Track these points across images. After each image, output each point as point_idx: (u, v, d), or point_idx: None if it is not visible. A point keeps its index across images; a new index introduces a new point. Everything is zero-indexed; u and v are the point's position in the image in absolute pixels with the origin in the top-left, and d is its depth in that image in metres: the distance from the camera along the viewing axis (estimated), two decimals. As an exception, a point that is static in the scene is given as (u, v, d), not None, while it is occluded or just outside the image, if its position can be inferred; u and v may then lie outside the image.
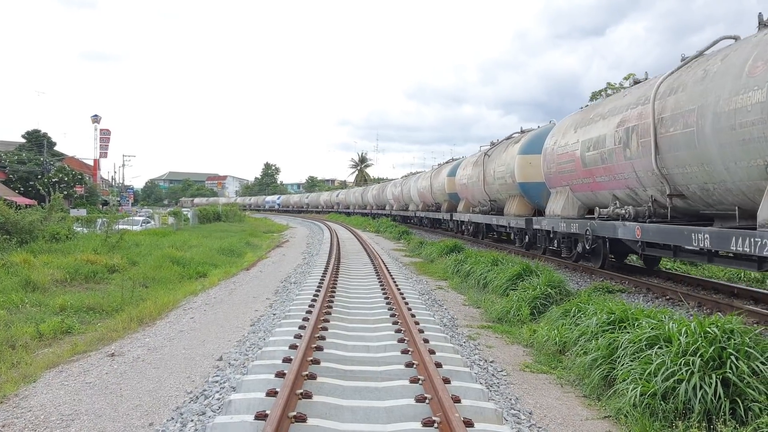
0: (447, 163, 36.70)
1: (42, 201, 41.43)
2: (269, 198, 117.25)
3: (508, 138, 24.04)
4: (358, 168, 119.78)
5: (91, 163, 78.07)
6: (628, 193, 13.14)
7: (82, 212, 42.56)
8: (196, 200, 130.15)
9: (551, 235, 17.37)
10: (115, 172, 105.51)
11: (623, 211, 13.00)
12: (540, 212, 19.36)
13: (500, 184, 22.54)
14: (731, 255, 10.48)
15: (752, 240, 8.67)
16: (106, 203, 67.26)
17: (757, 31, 9.69)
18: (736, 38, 10.33)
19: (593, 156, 14.04)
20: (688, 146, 10.22)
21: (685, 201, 11.22)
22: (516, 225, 20.55)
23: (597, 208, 14.44)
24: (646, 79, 13.42)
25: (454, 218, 30.87)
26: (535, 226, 18.41)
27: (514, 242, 22.31)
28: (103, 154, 78.27)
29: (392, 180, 53.03)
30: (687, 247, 10.78)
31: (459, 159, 33.90)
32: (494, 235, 27.01)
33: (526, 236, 20.14)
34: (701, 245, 10.01)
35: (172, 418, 5.72)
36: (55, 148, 71.46)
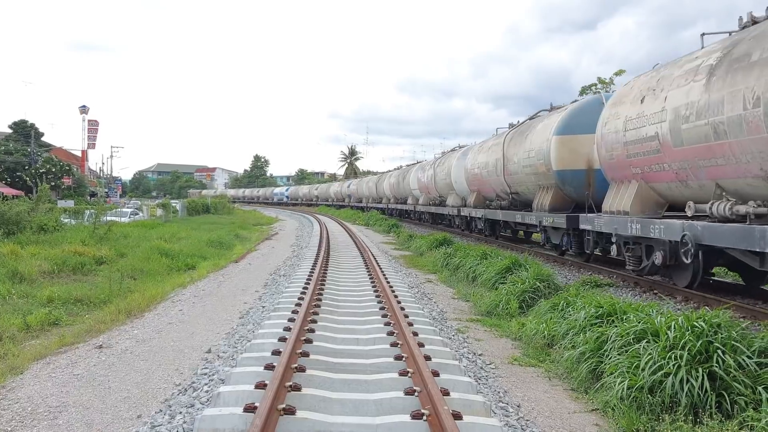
0: (453, 150, 32.01)
1: (29, 192, 41.17)
2: (277, 190, 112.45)
3: (532, 117, 19.73)
4: (348, 161, 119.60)
5: (79, 154, 77.55)
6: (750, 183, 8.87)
7: (70, 203, 42.24)
8: (204, 192, 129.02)
9: (613, 240, 12.92)
10: (103, 163, 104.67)
11: (749, 209, 8.76)
12: (580, 208, 15.14)
13: (527, 172, 18.23)
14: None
15: None
16: (93, 194, 66.78)
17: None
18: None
19: (697, 130, 9.58)
20: None
21: None
22: (551, 224, 16.31)
23: (691, 203, 10.29)
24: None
25: (462, 213, 26.50)
26: (582, 226, 14.22)
27: (543, 244, 18.45)
28: (91, 145, 77.79)
29: (417, 164, 42.71)
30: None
31: (467, 146, 29.39)
32: (509, 234, 24.01)
33: (564, 238, 16.22)
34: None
35: (161, 411, 5.70)
36: (43, 138, 70.82)
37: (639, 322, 6.78)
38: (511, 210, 20.17)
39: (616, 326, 7.10)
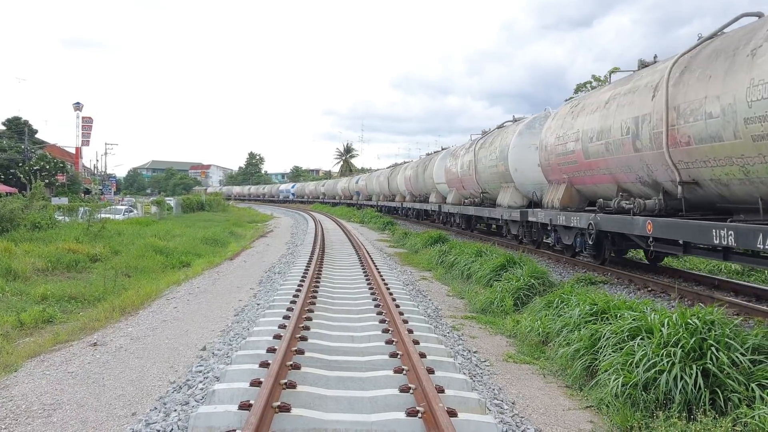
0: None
1: (23, 189, 40.97)
2: (283, 187, 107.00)
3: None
4: (343, 158, 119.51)
5: (73, 151, 77.22)
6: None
7: (64, 201, 42.08)
8: (210, 189, 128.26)
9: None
10: (97, 160, 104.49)
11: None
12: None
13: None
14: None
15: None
16: (88, 192, 66.49)
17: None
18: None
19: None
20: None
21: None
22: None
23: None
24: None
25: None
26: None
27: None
28: (85, 142, 77.47)
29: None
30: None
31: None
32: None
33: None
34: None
35: (155, 408, 5.69)
36: (37, 135, 70.60)
37: (633, 320, 6.80)
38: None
39: (610, 323, 7.12)
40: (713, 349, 5.65)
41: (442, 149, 33.33)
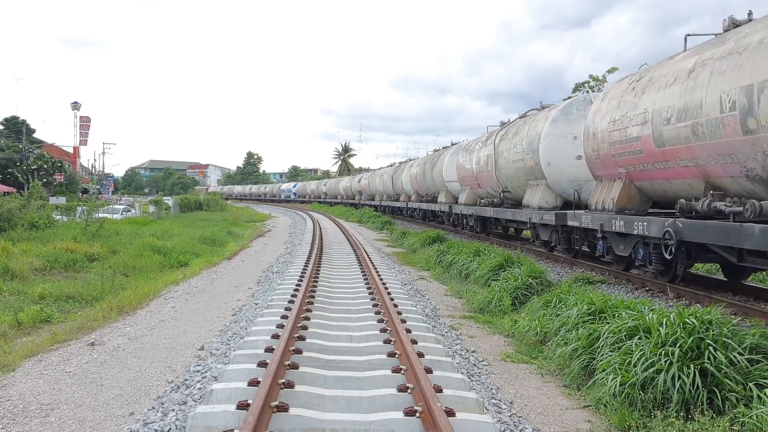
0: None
1: (21, 188, 40.93)
2: (284, 186, 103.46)
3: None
4: (342, 158, 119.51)
5: (71, 150, 77.19)
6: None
7: (62, 200, 42.12)
8: (211, 189, 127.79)
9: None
10: (95, 159, 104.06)
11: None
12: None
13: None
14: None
15: None
16: (85, 191, 66.54)
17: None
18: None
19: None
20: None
21: None
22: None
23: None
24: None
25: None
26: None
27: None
28: (83, 142, 77.44)
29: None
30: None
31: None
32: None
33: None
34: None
35: (153, 408, 5.69)
36: (34, 135, 70.60)
37: (631, 319, 6.80)
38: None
39: (608, 323, 7.13)
40: (711, 348, 5.66)
41: (452, 144, 29.54)
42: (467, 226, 25.61)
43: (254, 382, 5.48)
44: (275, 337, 7.22)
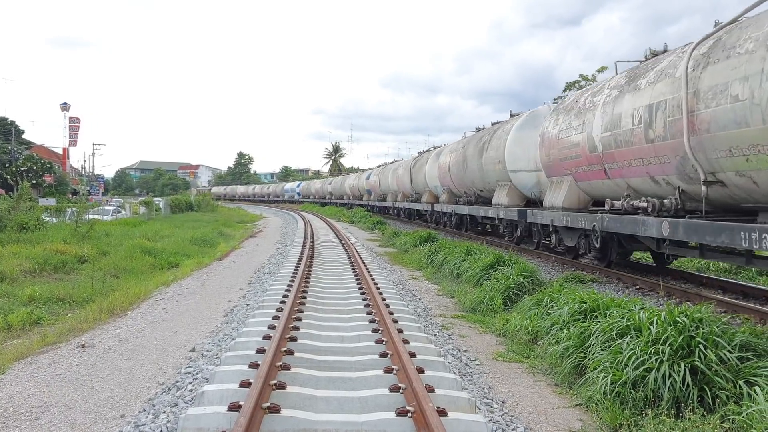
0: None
1: (10, 190, 40.71)
2: (288, 186, 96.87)
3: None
4: (333, 158, 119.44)
5: (60, 151, 76.79)
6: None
7: (51, 201, 41.86)
8: (214, 189, 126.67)
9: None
10: (84, 161, 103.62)
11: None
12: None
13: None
14: None
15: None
16: (75, 192, 66.19)
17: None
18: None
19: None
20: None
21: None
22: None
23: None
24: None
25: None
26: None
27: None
28: (73, 143, 77.03)
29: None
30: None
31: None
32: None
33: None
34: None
35: (144, 410, 5.66)
36: (23, 136, 70.13)
37: (622, 318, 6.83)
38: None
39: (599, 322, 7.15)
40: (701, 346, 5.68)
41: (512, 115, 21.16)
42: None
43: (246, 384, 5.47)
44: (267, 338, 7.21)
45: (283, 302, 9.41)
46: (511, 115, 20.92)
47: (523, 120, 18.46)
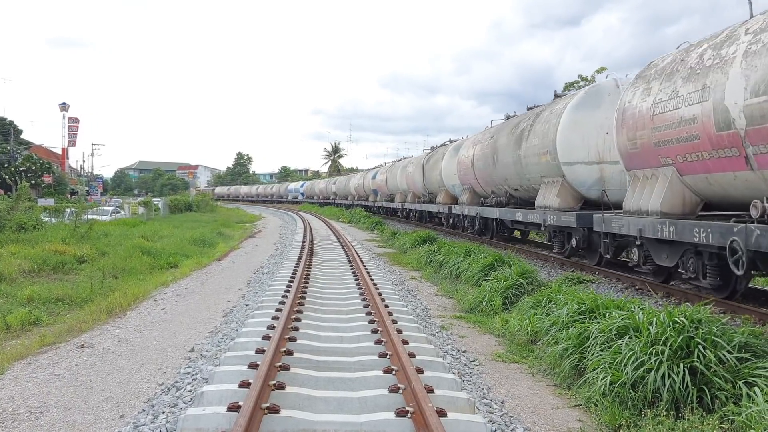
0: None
1: (8, 190, 40.68)
2: (291, 186, 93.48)
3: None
4: (332, 158, 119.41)
5: (59, 151, 76.69)
6: None
7: (50, 202, 41.81)
8: (217, 190, 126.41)
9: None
10: (83, 161, 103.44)
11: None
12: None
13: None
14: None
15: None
16: (74, 193, 66.11)
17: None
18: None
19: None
20: None
21: None
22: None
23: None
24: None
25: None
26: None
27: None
28: (72, 143, 76.90)
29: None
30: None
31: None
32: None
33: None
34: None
35: (144, 410, 5.66)
36: (22, 136, 69.96)
37: (621, 318, 6.83)
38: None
39: (598, 322, 7.15)
40: (700, 347, 5.69)
41: (556, 96, 18.01)
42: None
43: (245, 384, 5.46)
44: (266, 338, 7.21)
45: (282, 303, 9.40)
46: (556, 96, 17.57)
47: (581, 98, 14.82)
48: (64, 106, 76.23)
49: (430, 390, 5.40)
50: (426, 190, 31.12)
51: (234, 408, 4.94)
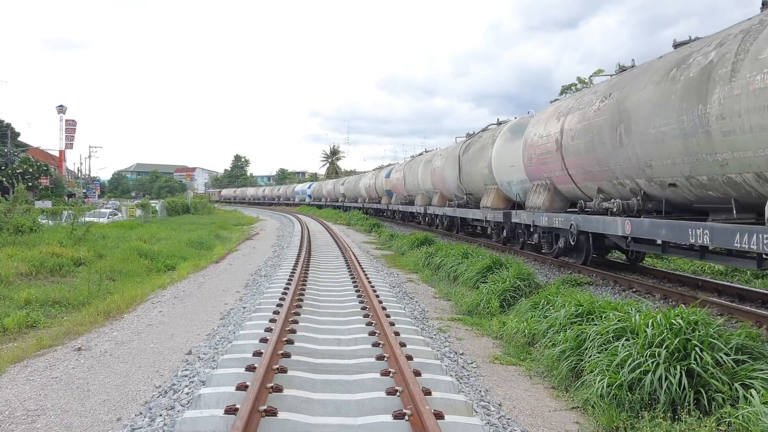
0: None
1: (6, 193, 40.61)
2: (299, 188, 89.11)
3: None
4: (330, 160, 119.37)
5: (57, 154, 76.55)
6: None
7: (48, 204, 41.76)
8: (224, 192, 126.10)
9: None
10: (81, 163, 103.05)
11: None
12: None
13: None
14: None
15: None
16: (71, 195, 65.96)
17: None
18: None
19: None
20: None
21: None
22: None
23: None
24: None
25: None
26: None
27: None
28: (69, 145, 76.83)
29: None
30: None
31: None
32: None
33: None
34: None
35: (141, 413, 5.66)
36: (19, 138, 69.89)
37: (618, 321, 6.84)
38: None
39: (595, 324, 7.16)
40: (697, 349, 5.70)
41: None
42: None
43: (242, 387, 5.46)
44: (263, 341, 7.20)
45: (279, 305, 9.40)
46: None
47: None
48: (61, 109, 76.19)
49: (427, 392, 5.40)
50: (462, 189, 24.03)
51: (231, 411, 4.93)
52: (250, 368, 6.05)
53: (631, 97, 11.15)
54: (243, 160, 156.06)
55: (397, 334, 7.63)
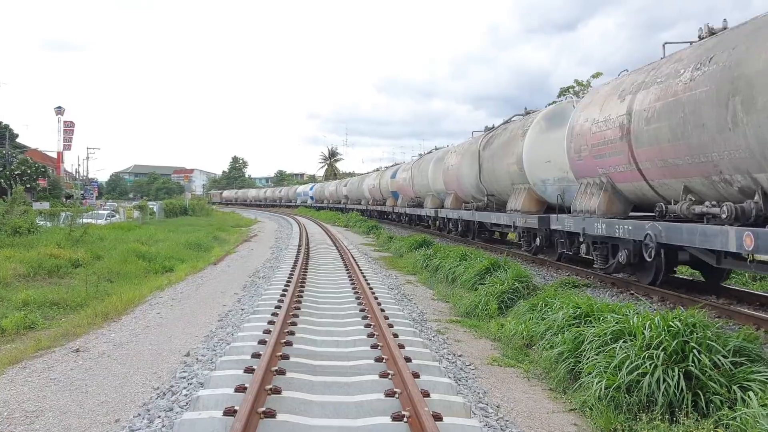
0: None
1: (3, 194, 40.54)
2: (300, 189, 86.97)
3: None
4: (328, 162, 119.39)
5: (55, 155, 76.45)
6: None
7: (45, 205, 41.77)
8: (225, 193, 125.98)
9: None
10: (79, 164, 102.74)
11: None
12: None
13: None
14: None
15: None
16: (69, 196, 65.93)
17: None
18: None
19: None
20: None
21: None
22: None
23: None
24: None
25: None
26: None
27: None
28: (67, 147, 76.72)
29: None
30: None
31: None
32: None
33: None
34: None
35: (139, 415, 5.66)
36: (17, 139, 69.84)
37: (616, 322, 6.86)
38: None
39: (593, 326, 7.17)
40: (695, 351, 5.71)
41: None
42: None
43: (241, 388, 5.46)
44: (262, 342, 7.20)
45: (278, 307, 9.40)
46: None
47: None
48: (59, 110, 76.07)
49: (426, 394, 5.41)
50: (482, 190, 20.97)
51: (230, 412, 4.93)
52: (249, 370, 6.05)
53: (754, 59, 7.82)
54: (241, 161, 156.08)
55: (395, 335, 7.64)
